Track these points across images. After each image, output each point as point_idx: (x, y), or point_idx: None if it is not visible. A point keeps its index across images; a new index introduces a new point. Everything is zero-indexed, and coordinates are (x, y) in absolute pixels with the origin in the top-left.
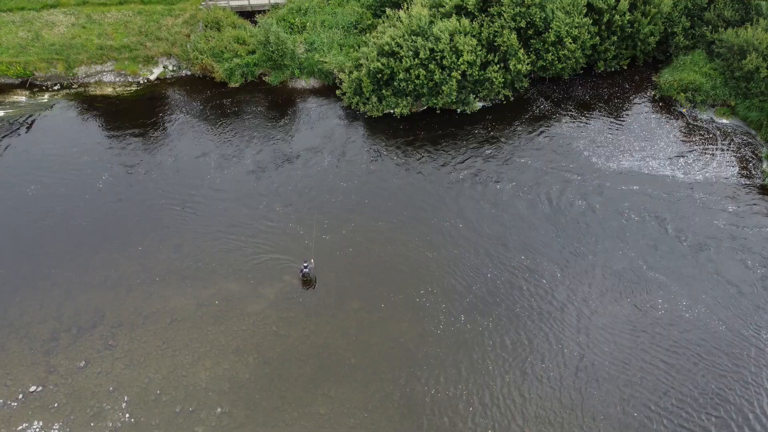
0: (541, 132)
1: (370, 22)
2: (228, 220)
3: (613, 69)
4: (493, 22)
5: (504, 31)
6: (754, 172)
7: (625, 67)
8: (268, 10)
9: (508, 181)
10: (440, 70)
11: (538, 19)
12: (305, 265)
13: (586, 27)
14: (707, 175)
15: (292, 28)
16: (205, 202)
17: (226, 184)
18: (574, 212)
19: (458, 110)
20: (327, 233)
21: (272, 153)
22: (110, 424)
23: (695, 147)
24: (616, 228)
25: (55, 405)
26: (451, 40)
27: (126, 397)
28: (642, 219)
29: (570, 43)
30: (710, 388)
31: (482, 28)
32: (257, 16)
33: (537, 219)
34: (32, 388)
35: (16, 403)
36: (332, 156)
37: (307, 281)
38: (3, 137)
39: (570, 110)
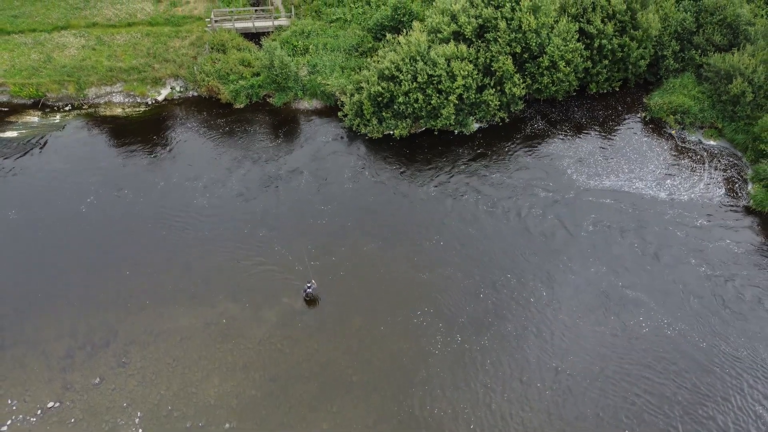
0: (531, 152)
1: (370, 45)
2: (234, 241)
3: (605, 91)
4: (489, 48)
5: (500, 57)
6: (740, 194)
7: (617, 89)
8: (272, 32)
9: (493, 200)
10: (437, 94)
11: (533, 45)
12: (309, 285)
13: (579, 51)
14: (693, 195)
15: (295, 51)
16: (211, 224)
17: (229, 204)
18: (555, 231)
19: (455, 131)
20: (324, 255)
21: (273, 173)
22: None
23: (683, 168)
24: (596, 247)
25: (72, 420)
26: (448, 65)
27: (139, 413)
28: (623, 238)
29: (564, 66)
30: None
31: (479, 53)
32: (262, 38)
33: (519, 237)
34: (50, 404)
35: (35, 419)
36: (326, 177)
37: (311, 300)
38: (18, 158)
39: (562, 130)
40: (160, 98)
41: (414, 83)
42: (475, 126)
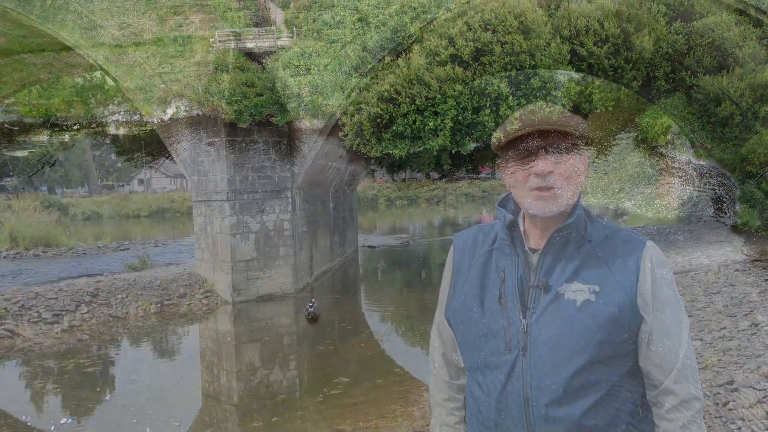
0: None
1: (370, 66)
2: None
3: (597, 110)
4: (485, 70)
5: (494, 80)
6: (727, 213)
7: (610, 108)
8: (275, 52)
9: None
10: (434, 116)
11: (527, 66)
12: (310, 304)
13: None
14: (681, 215)
15: (297, 70)
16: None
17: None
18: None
19: (453, 150)
20: (318, 274)
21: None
22: None
23: (673, 187)
24: None
25: None
26: (441, 88)
27: (148, 430)
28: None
29: (553, 90)
30: None
31: (475, 75)
32: (265, 58)
33: None
34: (62, 420)
35: None
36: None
37: (313, 319)
38: (30, 175)
39: None
40: (165, 117)
41: (412, 105)
42: (472, 146)
